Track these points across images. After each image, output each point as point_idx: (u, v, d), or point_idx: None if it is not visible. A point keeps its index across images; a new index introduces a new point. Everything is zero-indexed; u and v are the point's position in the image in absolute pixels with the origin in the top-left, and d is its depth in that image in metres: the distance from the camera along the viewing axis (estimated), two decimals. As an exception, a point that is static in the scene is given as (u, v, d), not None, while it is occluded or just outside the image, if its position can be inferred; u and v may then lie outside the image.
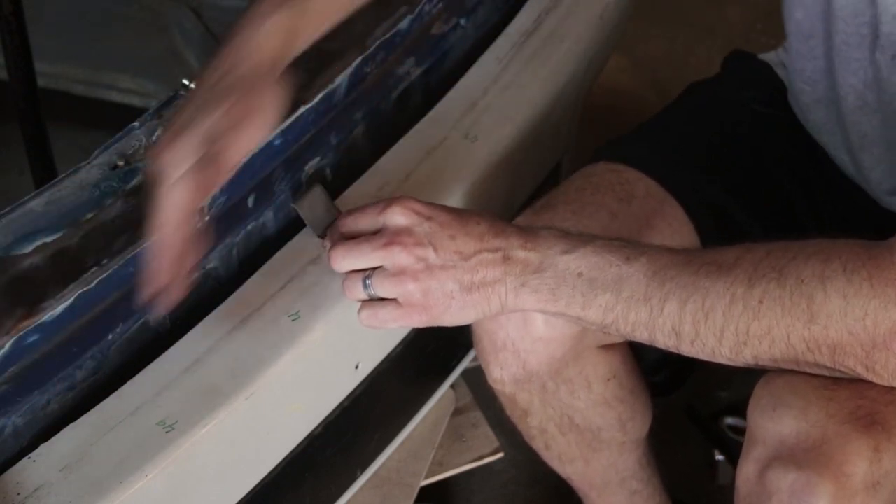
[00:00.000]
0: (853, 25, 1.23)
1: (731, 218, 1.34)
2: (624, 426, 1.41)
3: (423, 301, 1.09)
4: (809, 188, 1.39)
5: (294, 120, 1.18)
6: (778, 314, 1.00)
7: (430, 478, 1.67)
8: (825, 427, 0.99)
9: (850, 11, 1.22)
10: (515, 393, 1.34)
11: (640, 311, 1.05)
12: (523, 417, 1.39)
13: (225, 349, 1.12)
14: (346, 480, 1.43)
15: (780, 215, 1.37)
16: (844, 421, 0.99)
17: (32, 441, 1.04)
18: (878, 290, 0.97)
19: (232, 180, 1.13)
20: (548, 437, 1.40)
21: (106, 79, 2.04)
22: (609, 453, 1.43)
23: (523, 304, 1.09)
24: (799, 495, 0.98)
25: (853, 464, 0.97)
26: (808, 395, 1.01)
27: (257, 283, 1.18)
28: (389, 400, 1.45)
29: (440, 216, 1.10)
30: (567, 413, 1.37)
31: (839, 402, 1.00)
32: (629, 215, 1.28)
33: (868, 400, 1.00)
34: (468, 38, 1.45)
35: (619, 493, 1.48)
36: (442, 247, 1.09)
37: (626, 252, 1.07)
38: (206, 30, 2.02)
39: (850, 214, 1.35)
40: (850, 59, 1.25)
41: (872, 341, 0.98)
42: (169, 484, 1.05)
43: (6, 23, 1.47)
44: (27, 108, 1.55)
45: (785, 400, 1.02)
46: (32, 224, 1.04)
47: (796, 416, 1.00)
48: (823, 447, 0.98)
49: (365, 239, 1.11)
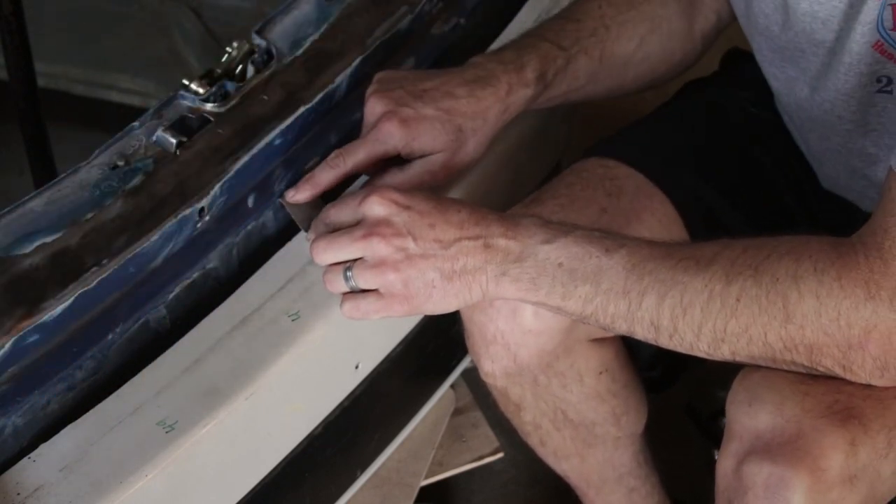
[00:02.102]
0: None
1: (720, 215, 1.34)
2: (618, 420, 1.41)
3: (405, 291, 1.09)
4: (800, 189, 1.39)
5: (294, 120, 1.18)
6: (755, 312, 1.01)
7: (430, 478, 1.67)
8: (801, 422, 0.99)
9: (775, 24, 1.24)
10: (507, 387, 1.34)
11: (619, 304, 1.05)
12: (517, 412, 1.39)
13: (225, 349, 1.12)
14: (346, 480, 1.43)
15: (771, 214, 1.37)
16: (821, 415, 1.00)
17: (32, 441, 1.04)
18: (848, 290, 0.98)
19: (232, 180, 1.13)
20: (542, 432, 1.40)
21: (106, 79, 2.05)
22: (604, 448, 1.43)
23: (504, 292, 1.10)
24: (774, 489, 0.98)
25: (829, 458, 0.98)
26: (784, 390, 1.02)
27: (257, 283, 1.18)
28: (389, 400, 1.45)
29: (419, 205, 1.10)
30: (560, 407, 1.37)
31: (815, 396, 1.01)
32: (618, 210, 1.29)
33: (845, 394, 1.01)
34: (468, 38, 1.45)
35: (616, 490, 1.48)
36: (421, 236, 1.08)
37: (605, 243, 1.07)
38: (206, 30, 2.02)
39: (840, 217, 1.35)
40: (791, 75, 1.27)
41: (848, 342, 0.99)
42: (169, 484, 1.05)
43: (6, 23, 1.47)
44: (27, 108, 1.55)
45: (760, 395, 1.03)
46: (32, 224, 1.04)
47: (772, 411, 1.01)
48: (799, 442, 0.99)
49: (345, 231, 1.11)
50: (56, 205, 1.06)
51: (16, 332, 0.98)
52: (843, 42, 1.15)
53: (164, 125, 1.13)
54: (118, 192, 1.08)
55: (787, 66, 1.26)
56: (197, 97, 1.15)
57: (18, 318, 0.99)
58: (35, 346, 1.00)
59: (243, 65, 1.19)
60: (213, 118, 1.15)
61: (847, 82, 1.18)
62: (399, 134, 1.18)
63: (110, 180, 1.09)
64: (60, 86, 2.03)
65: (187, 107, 1.15)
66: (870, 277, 0.98)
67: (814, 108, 1.25)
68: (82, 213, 1.06)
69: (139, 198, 1.08)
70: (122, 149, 1.11)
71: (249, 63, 1.19)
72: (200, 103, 1.15)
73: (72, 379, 1.06)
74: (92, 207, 1.07)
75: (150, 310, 1.12)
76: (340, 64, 1.24)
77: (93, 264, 1.04)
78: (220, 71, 1.18)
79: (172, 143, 1.12)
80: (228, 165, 1.13)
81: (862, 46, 1.14)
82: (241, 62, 1.19)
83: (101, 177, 1.09)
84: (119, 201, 1.08)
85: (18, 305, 0.99)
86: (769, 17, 1.24)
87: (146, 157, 1.11)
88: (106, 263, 1.04)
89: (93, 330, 1.06)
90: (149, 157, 1.11)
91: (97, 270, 1.03)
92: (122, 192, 1.08)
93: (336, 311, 1.15)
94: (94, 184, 1.08)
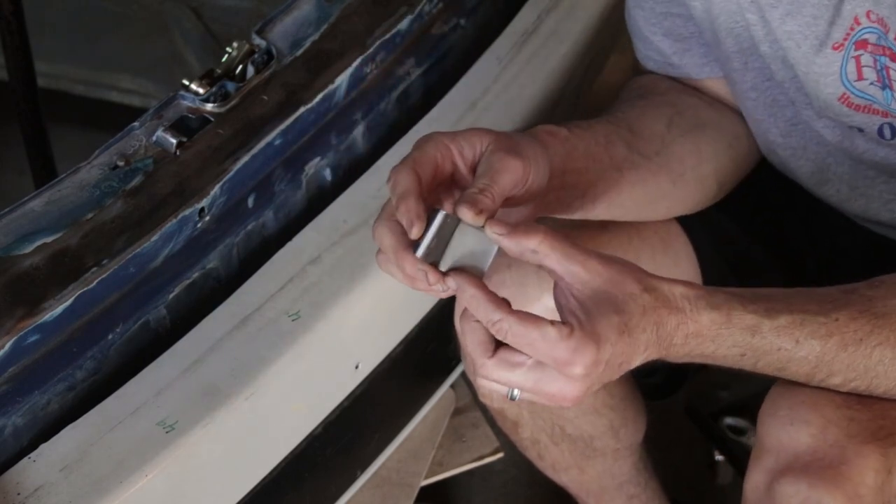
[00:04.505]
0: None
1: (725, 231, 1.33)
2: (616, 433, 1.40)
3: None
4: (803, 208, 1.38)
5: (294, 120, 1.18)
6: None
7: (430, 478, 1.67)
8: (844, 447, 0.98)
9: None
10: (504, 408, 1.34)
11: (799, 374, 1.01)
12: (514, 429, 1.38)
13: (225, 349, 1.12)
14: (346, 480, 1.43)
15: (774, 230, 1.36)
16: (865, 442, 0.99)
17: (32, 441, 1.04)
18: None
19: (232, 180, 1.13)
20: (540, 447, 1.40)
21: (106, 79, 2.05)
22: (603, 460, 1.43)
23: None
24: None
25: (867, 485, 0.97)
26: (829, 414, 1.00)
27: (257, 283, 1.18)
28: (389, 400, 1.45)
29: (614, 357, 0.94)
30: (558, 423, 1.36)
31: (860, 422, 1.00)
32: (619, 224, 1.26)
33: (890, 420, 1.00)
34: (468, 38, 1.45)
35: (616, 498, 1.48)
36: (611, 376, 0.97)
37: (794, 334, 0.99)
38: (206, 30, 2.02)
39: (843, 241, 1.33)
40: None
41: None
42: (169, 484, 1.05)
43: (6, 23, 1.47)
44: (27, 108, 1.55)
45: (803, 416, 1.01)
46: (32, 224, 1.04)
47: (814, 434, 1.00)
48: (841, 467, 0.97)
49: (531, 368, 0.94)
50: (56, 205, 1.06)
51: (16, 332, 0.98)
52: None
53: (164, 125, 1.13)
54: (118, 192, 1.08)
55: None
56: (197, 97, 1.15)
57: (18, 318, 0.99)
58: (35, 346, 1.00)
59: (243, 65, 1.19)
60: (213, 118, 1.15)
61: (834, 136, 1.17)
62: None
63: (110, 180, 1.09)
64: (60, 86, 2.03)
65: (187, 107, 1.15)
66: None
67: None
68: (82, 213, 1.06)
69: (139, 198, 1.08)
70: (122, 149, 1.11)
71: (249, 63, 1.19)
72: (200, 103, 1.15)
73: (72, 379, 1.06)
74: (92, 207, 1.07)
75: (150, 310, 1.12)
76: (340, 64, 1.24)
77: (93, 264, 1.04)
78: (220, 71, 1.18)
79: (172, 144, 1.12)
80: (228, 165, 1.13)
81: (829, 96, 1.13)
82: (241, 62, 1.19)
83: (101, 177, 1.09)
84: (119, 201, 1.08)
85: (18, 305, 0.99)
86: (761, 71, 1.21)
87: (146, 157, 1.11)
88: (106, 263, 1.04)
89: (93, 330, 1.06)
90: (149, 157, 1.11)
91: (97, 270, 1.04)
92: (122, 193, 1.08)
93: (336, 312, 1.15)
94: (94, 184, 1.08)
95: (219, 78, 1.17)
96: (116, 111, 2.01)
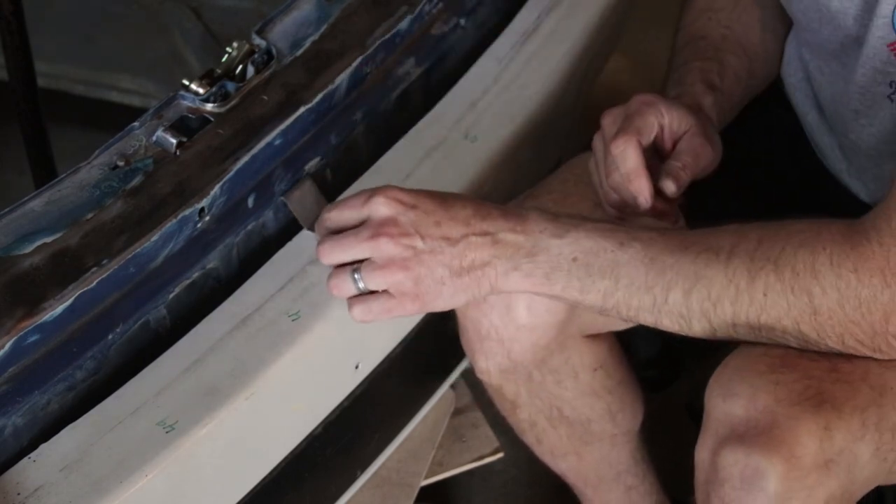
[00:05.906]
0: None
1: (712, 205, 1.33)
2: (614, 417, 1.41)
3: (415, 289, 1.09)
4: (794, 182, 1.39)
5: (294, 120, 1.18)
6: (784, 307, 1.03)
7: (430, 478, 1.67)
8: (774, 411, 1.01)
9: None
10: (502, 385, 1.35)
11: (644, 298, 1.07)
12: (513, 410, 1.39)
13: (225, 349, 1.12)
14: (346, 480, 1.43)
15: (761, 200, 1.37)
16: (793, 403, 1.01)
17: (32, 441, 1.04)
18: (865, 280, 1.01)
19: (232, 180, 1.13)
20: (538, 430, 1.40)
21: (106, 79, 2.04)
22: (601, 446, 1.43)
23: (515, 286, 1.10)
24: (750, 479, 1.00)
25: (803, 444, 1.00)
26: (756, 382, 1.04)
27: (257, 283, 1.18)
28: (389, 400, 1.45)
29: (424, 203, 1.10)
30: (556, 404, 1.37)
31: (786, 385, 1.03)
32: None
33: (815, 380, 1.03)
34: (468, 38, 1.45)
35: (614, 488, 1.48)
36: (428, 234, 1.09)
37: (618, 236, 1.08)
38: (206, 30, 2.02)
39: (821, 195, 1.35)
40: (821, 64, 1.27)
41: (872, 328, 1.02)
42: (169, 484, 1.05)
43: (6, 23, 1.47)
44: (27, 108, 1.55)
45: (734, 389, 1.04)
46: (32, 224, 1.04)
47: (744, 404, 1.03)
48: (773, 431, 1.00)
49: (351, 232, 1.11)
50: (56, 205, 1.06)
51: (16, 332, 0.98)
52: (864, 36, 1.15)
53: (164, 125, 1.13)
54: (118, 192, 1.08)
55: (830, 61, 1.26)
56: (197, 97, 1.15)
57: (18, 318, 0.99)
58: (35, 346, 1.00)
59: (243, 65, 1.19)
60: (213, 118, 1.15)
61: (864, 76, 1.18)
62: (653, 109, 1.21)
63: (110, 180, 1.09)
64: (60, 86, 2.03)
65: (187, 107, 1.15)
66: (885, 266, 1.00)
67: (839, 103, 1.26)
68: (82, 213, 1.06)
69: (139, 198, 1.08)
70: (122, 149, 1.11)
71: (249, 63, 1.19)
72: (200, 103, 1.15)
73: (72, 379, 1.06)
74: (92, 207, 1.07)
75: (150, 310, 1.12)
76: (340, 64, 1.24)
77: (93, 264, 1.04)
78: (220, 71, 1.18)
79: (172, 144, 1.12)
80: (228, 165, 1.13)
81: (878, 41, 1.14)
82: (241, 62, 1.19)
83: (101, 177, 1.09)
84: (119, 201, 1.08)
85: (18, 305, 0.99)
86: (807, 15, 1.24)
87: (146, 157, 1.11)
88: (106, 263, 1.04)
89: (93, 330, 1.06)
90: (149, 158, 1.11)
91: (97, 270, 1.03)
92: (122, 192, 1.08)
93: (336, 311, 1.15)
94: (94, 184, 1.08)
95: (219, 78, 1.17)
96: (116, 111, 2.01)
